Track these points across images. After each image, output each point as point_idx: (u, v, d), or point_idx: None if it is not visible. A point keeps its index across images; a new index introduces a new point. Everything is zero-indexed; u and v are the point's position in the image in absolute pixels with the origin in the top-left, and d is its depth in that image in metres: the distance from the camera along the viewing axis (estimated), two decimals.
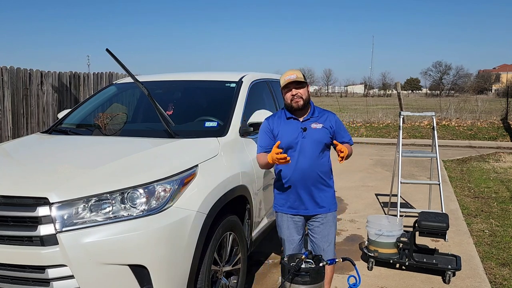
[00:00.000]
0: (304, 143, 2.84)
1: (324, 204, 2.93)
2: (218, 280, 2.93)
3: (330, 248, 2.98)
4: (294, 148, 2.85)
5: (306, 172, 2.84)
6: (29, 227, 2.33)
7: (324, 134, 2.87)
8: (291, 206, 2.93)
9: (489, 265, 4.12)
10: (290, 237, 2.96)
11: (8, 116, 6.67)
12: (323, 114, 2.95)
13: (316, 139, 2.85)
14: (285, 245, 2.99)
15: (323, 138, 2.87)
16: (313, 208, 2.92)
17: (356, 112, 20.31)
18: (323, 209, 2.93)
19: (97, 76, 8.59)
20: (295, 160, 2.84)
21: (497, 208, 6.11)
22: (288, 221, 2.95)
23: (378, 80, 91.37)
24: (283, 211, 2.96)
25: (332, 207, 2.97)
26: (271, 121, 2.97)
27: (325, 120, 2.91)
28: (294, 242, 2.96)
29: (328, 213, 2.95)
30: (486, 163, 9.85)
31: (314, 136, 2.85)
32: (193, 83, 4.16)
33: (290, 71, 2.90)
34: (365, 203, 6.42)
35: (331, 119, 2.93)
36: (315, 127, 2.87)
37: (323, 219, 2.94)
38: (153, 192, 2.48)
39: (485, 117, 17.18)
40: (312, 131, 2.86)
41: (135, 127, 3.87)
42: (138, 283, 2.37)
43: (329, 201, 2.95)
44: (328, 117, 2.94)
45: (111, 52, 3.33)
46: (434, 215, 3.97)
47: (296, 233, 2.97)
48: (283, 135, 2.88)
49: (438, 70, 78.01)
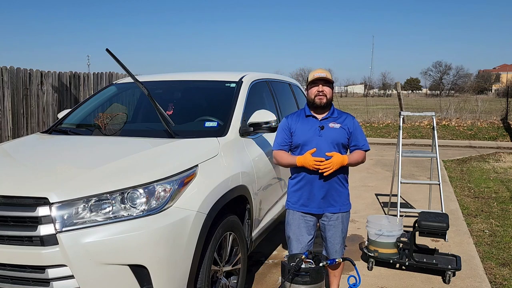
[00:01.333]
0: (320, 142, 2.87)
1: (338, 203, 2.95)
2: (218, 280, 2.93)
3: (342, 248, 3.04)
4: (311, 146, 2.87)
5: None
6: (29, 227, 2.33)
7: (341, 134, 2.90)
8: (304, 204, 2.95)
9: (489, 265, 4.12)
10: (300, 236, 2.96)
11: (8, 116, 6.67)
12: (342, 115, 2.99)
13: (332, 139, 2.88)
14: (292, 244, 2.99)
15: (340, 138, 2.90)
16: (326, 207, 2.94)
17: (356, 112, 20.27)
18: (336, 208, 2.95)
19: (97, 76, 8.59)
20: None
21: (497, 208, 6.11)
22: (300, 219, 2.97)
23: (378, 80, 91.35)
24: (296, 208, 2.98)
25: (345, 207, 3.00)
26: (290, 119, 3.02)
27: (343, 121, 2.95)
28: (303, 242, 2.96)
29: (341, 213, 2.97)
30: (486, 163, 9.85)
31: (331, 135, 2.88)
32: (193, 83, 4.16)
33: (320, 69, 2.96)
34: (365, 203, 6.42)
35: (349, 121, 2.97)
36: (332, 126, 2.91)
37: (335, 220, 2.97)
38: (153, 192, 2.48)
39: (485, 117, 17.18)
40: (329, 130, 2.90)
41: (135, 127, 3.87)
42: (138, 283, 2.37)
43: (343, 201, 2.97)
44: (346, 118, 2.98)
45: (111, 52, 3.33)
46: (434, 215, 3.97)
47: (306, 233, 2.97)
48: (300, 132, 2.92)
49: (438, 70, 78.03)
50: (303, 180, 2.93)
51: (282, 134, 3.01)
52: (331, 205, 2.95)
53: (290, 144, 2.99)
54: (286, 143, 2.98)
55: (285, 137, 2.98)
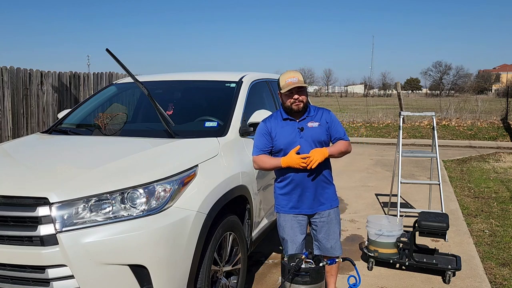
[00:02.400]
0: (302, 143, 2.86)
1: (327, 201, 2.96)
2: (218, 280, 2.93)
3: (337, 244, 3.02)
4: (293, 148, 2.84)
5: (308, 171, 2.84)
6: (29, 227, 2.33)
7: (321, 132, 2.90)
8: (294, 206, 2.94)
9: (489, 265, 4.12)
10: (294, 237, 2.95)
11: (8, 116, 6.67)
12: (318, 112, 2.98)
13: (313, 138, 2.88)
14: (288, 245, 2.97)
15: (321, 136, 2.90)
16: (316, 206, 2.94)
17: (356, 112, 20.30)
18: (325, 205, 2.96)
19: (97, 76, 8.59)
20: None
21: (497, 208, 6.10)
22: (292, 221, 2.95)
23: (378, 80, 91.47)
24: (286, 211, 2.96)
25: (334, 203, 3.01)
26: (268, 123, 2.98)
27: (320, 118, 2.94)
28: (297, 243, 2.95)
29: (331, 209, 2.98)
30: (486, 163, 9.85)
31: (311, 135, 2.88)
32: (193, 83, 4.16)
33: (291, 73, 2.88)
34: (365, 203, 6.42)
35: (326, 116, 2.96)
36: (311, 125, 2.90)
37: (327, 216, 2.97)
38: (153, 192, 2.48)
39: (485, 117, 17.17)
40: (309, 130, 2.89)
41: (135, 127, 3.87)
42: (138, 283, 2.37)
43: (331, 198, 2.98)
44: (323, 114, 2.97)
45: (111, 52, 3.33)
46: (434, 215, 3.97)
47: (300, 232, 2.96)
48: (281, 136, 2.90)
49: (438, 70, 78.06)
50: (291, 183, 2.91)
51: (262, 139, 2.95)
52: (322, 204, 2.95)
53: (271, 148, 2.95)
54: (267, 147, 2.94)
55: (265, 142, 2.94)
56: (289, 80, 2.84)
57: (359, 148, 12.19)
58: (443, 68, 77.32)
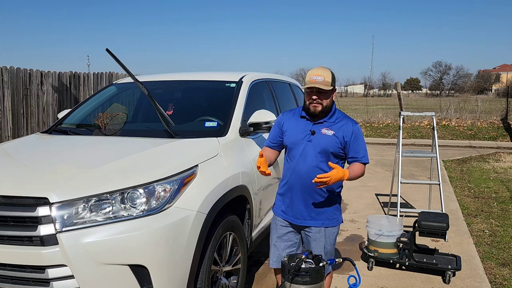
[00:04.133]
0: (308, 147, 2.61)
1: (319, 216, 2.66)
2: (218, 280, 2.93)
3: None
4: (297, 150, 2.65)
5: (303, 178, 2.61)
6: (29, 227, 2.33)
7: (332, 143, 2.58)
8: (284, 211, 2.75)
9: (489, 265, 4.12)
10: (276, 243, 2.78)
11: (8, 116, 6.67)
12: (341, 121, 2.64)
13: (322, 147, 2.58)
14: (270, 250, 2.83)
15: (330, 147, 2.58)
16: (304, 219, 2.68)
17: (356, 112, 20.30)
18: (317, 222, 2.67)
19: (97, 76, 8.59)
20: (295, 163, 2.66)
21: (497, 208, 6.11)
22: (278, 225, 2.78)
23: (378, 80, 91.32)
24: (277, 213, 2.81)
25: (331, 221, 2.68)
26: (285, 116, 2.79)
27: (339, 128, 2.61)
28: (279, 249, 2.76)
29: (322, 227, 2.67)
30: (486, 163, 9.85)
31: (320, 143, 2.59)
32: (193, 83, 4.16)
33: (319, 70, 2.57)
34: (365, 203, 6.43)
35: (347, 129, 2.61)
36: (325, 132, 2.60)
37: (316, 234, 2.68)
38: (153, 192, 2.48)
39: (485, 117, 17.18)
40: (320, 136, 2.60)
41: (135, 127, 3.87)
42: (138, 283, 2.37)
43: (328, 215, 2.67)
44: (345, 125, 2.62)
45: (111, 52, 3.33)
46: (434, 215, 3.97)
47: (283, 240, 2.76)
48: (290, 133, 2.70)
49: (438, 70, 78.01)
50: (286, 185, 2.72)
51: (273, 130, 2.81)
52: (313, 218, 2.66)
53: (280, 142, 2.77)
54: (276, 141, 2.77)
55: (275, 134, 2.77)
56: (313, 77, 2.54)
57: None
58: (443, 68, 77.36)
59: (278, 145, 2.80)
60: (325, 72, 2.57)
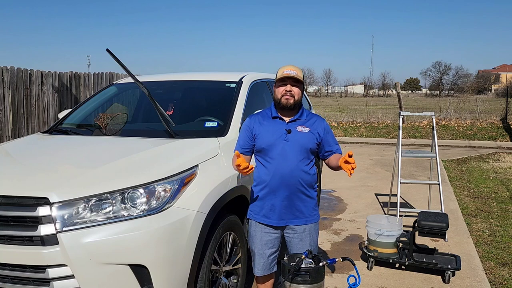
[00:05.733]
0: (286, 146, 2.61)
1: (303, 214, 2.69)
2: (218, 279, 2.93)
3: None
4: (275, 151, 2.62)
5: (286, 178, 2.61)
6: (30, 227, 2.33)
7: (310, 139, 2.64)
8: (266, 215, 2.69)
9: (488, 265, 4.13)
10: (262, 251, 2.73)
11: (9, 116, 6.67)
12: (311, 118, 2.73)
13: (300, 143, 2.62)
14: (255, 258, 2.77)
15: (308, 143, 2.64)
16: (289, 219, 2.68)
17: (356, 112, 20.31)
18: (301, 220, 2.69)
19: (97, 76, 8.59)
20: (275, 164, 2.62)
21: (496, 208, 6.11)
22: (262, 232, 2.72)
23: (378, 80, 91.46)
24: (257, 219, 2.73)
25: (313, 218, 2.73)
26: (253, 119, 2.75)
27: (312, 125, 2.69)
28: (265, 257, 2.73)
29: (307, 224, 2.71)
30: (486, 163, 9.85)
31: (298, 140, 2.62)
32: (193, 83, 4.17)
33: (291, 66, 2.67)
34: (365, 203, 6.43)
35: (319, 125, 2.70)
36: (301, 130, 2.64)
37: (301, 233, 2.70)
38: (154, 192, 2.48)
39: (485, 117, 17.18)
40: (297, 134, 2.63)
41: (135, 127, 3.88)
42: (139, 283, 2.38)
43: (309, 211, 2.71)
44: (316, 121, 2.71)
45: (111, 52, 3.34)
46: (433, 215, 3.98)
47: (268, 247, 2.73)
48: (264, 134, 2.66)
49: (438, 70, 78.04)
50: (266, 188, 2.66)
51: (243, 135, 2.74)
52: (296, 217, 2.67)
53: (252, 147, 2.71)
54: (247, 145, 2.70)
55: (246, 140, 2.71)
56: (287, 71, 2.61)
57: (358, 148, 12.20)
58: (442, 68, 77.39)
59: (250, 149, 2.74)
60: (297, 69, 2.67)
